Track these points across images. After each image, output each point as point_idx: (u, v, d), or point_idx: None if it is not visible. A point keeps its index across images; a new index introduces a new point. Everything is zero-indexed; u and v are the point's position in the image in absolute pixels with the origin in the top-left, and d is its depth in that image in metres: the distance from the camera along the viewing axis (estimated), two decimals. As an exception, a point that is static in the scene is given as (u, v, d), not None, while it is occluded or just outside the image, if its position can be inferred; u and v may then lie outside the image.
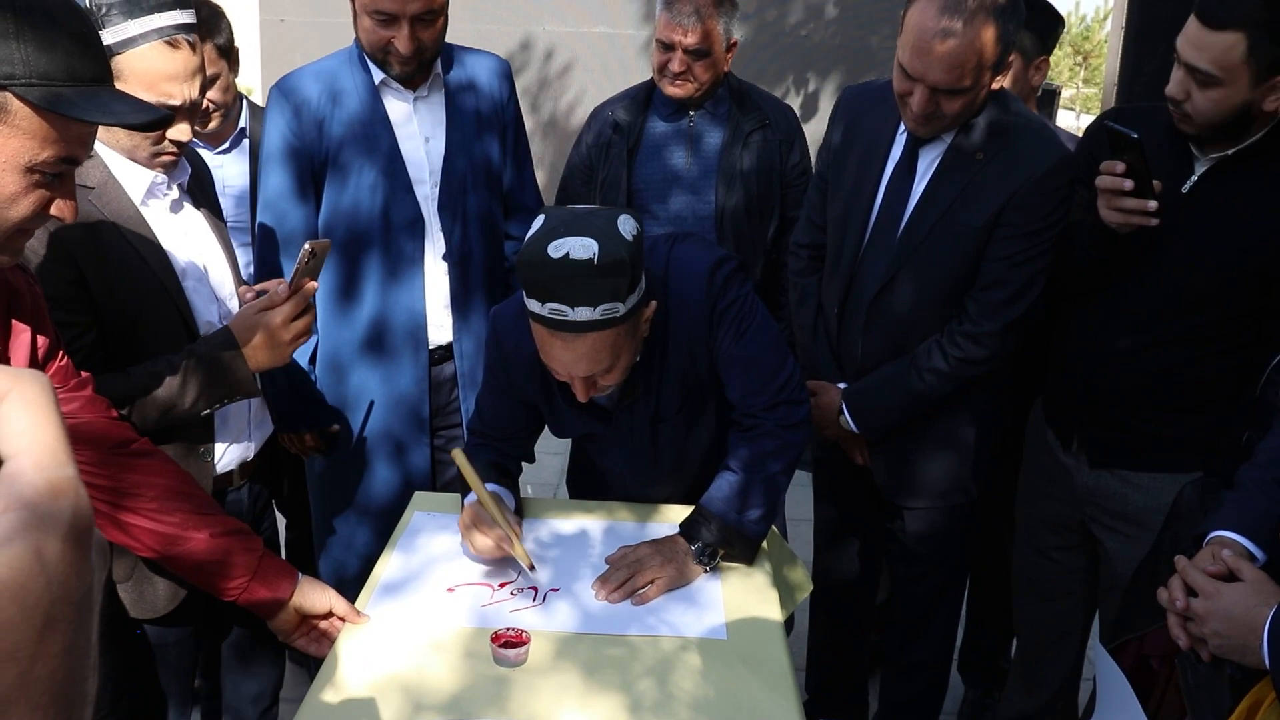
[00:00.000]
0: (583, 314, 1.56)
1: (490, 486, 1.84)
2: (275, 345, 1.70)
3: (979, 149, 2.05)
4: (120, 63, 1.58)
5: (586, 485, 2.17)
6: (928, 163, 2.11)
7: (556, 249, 1.54)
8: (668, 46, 2.57)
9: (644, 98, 2.73)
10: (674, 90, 2.62)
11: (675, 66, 2.57)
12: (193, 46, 1.66)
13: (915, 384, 2.15)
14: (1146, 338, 2.01)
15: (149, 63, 1.60)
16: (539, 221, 1.62)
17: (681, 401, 1.88)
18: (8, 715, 0.36)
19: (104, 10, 1.56)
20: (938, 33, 1.87)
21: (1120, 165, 1.84)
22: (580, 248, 1.54)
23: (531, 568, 1.73)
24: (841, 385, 2.27)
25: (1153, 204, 1.82)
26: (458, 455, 1.76)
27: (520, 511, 1.94)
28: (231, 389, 1.70)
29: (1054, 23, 2.77)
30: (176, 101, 1.64)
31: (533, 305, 1.59)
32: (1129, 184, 1.82)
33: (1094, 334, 2.09)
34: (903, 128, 2.12)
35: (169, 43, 1.61)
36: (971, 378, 2.15)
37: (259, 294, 1.82)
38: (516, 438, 2.00)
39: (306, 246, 1.71)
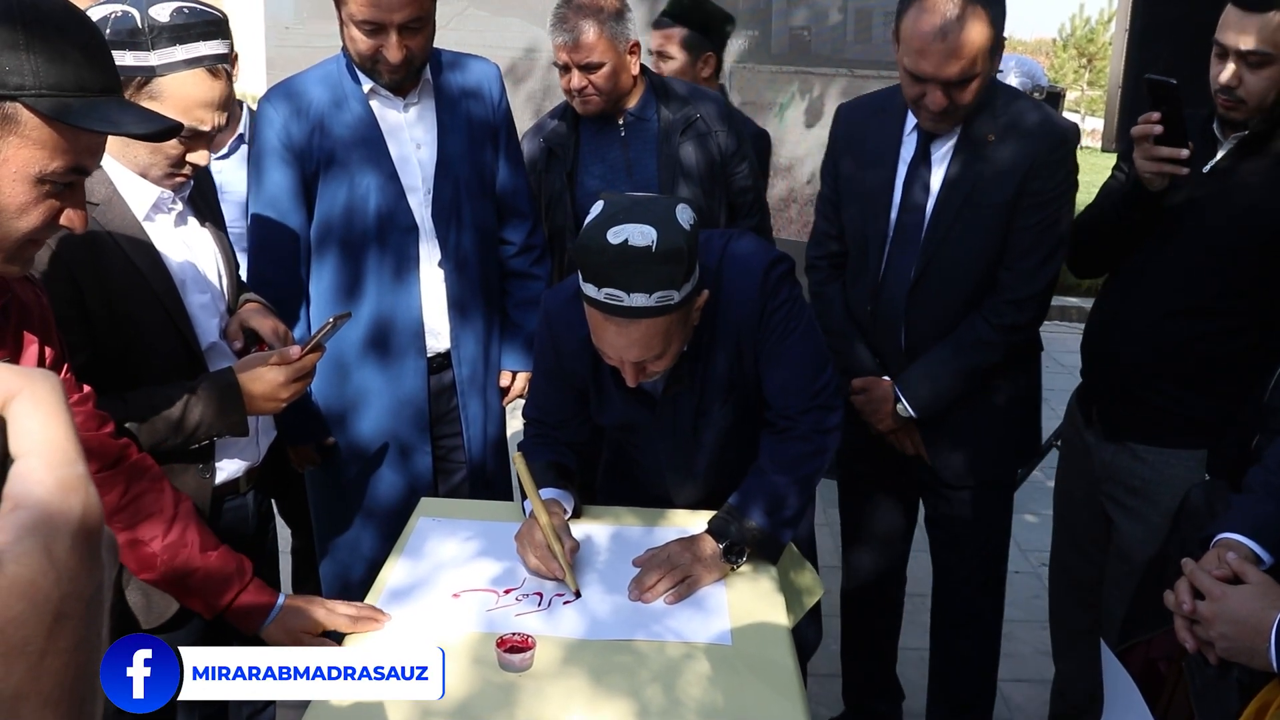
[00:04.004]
0: (638, 300, 1.58)
1: (549, 492, 1.86)
2: (271, 399, 1.74)
3: (989, 132, 2.16)
4: (161, 84, 1.60)
5: (619, 489, 2.17)
6: (941, 155, 2.20)
7: (616, 235, 1.57)
8: (564, 67, 2.58)
9: (572, 115, 2.70)
10: (582, 107, 2.61)
11: (575, 84, 2.57)
12: (228, 76, 1.69)
13: (966, 359, 2.24)
14: (1162, 307, 2.11)
15: (189, 89, 1.62)
16: (598, 207, 1.65)
17: (725, 396, 1.89)
18: (20, 709, 0.36)
19: (154, 33, 1.58)
20: (937, 31, 2.00)
21: (1156, 115, 1.96)
22: (639, 234, 1.56)
23: (577, 594, 1.73)
24: (886, 378, 2.32)
25: (1184, 152, 1.94)
26: (519, 461, 1.77)
27: (579, 512, 1.96)
28: (223, 429, 1.73)
29: (721, 22, 3.11)
30: (206, 127, 1.66)
31: (588, 289, 1.61)
32: (1159, 129, 1.95)
33: (1115, 304, 2.22)
34: (908, 130, 2.22)
35: (210, 71, 1.64)
36: (1017, 343, 2.25)
37: (246, 344, 1.85)
38: (572, 423, 2.00)
39: (329, 318, 1.80)
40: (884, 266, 2.26)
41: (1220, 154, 2.06)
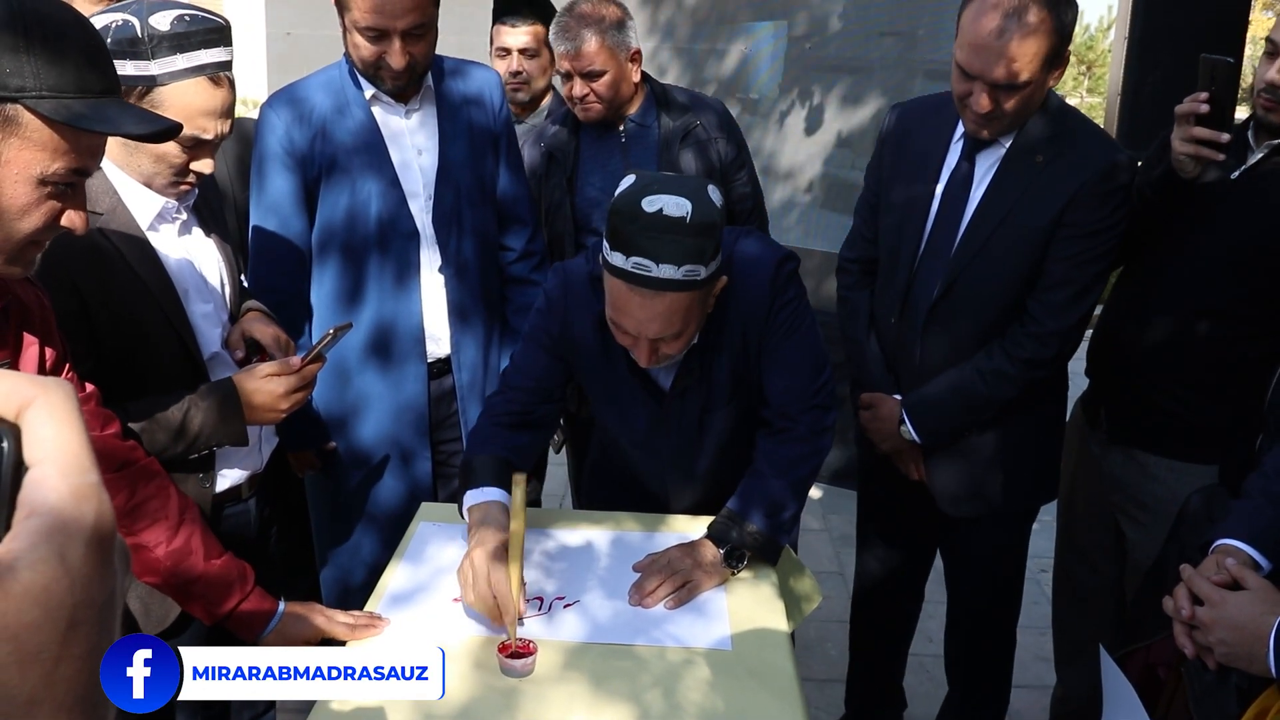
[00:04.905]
0: (666, 271, 1.58)
1: (494, 492, 1.78)
2: (271, 410, 1.74)
3: (1037, 152, 2.05)
4: (163, 94, 1.60)
5: (604, 493, 2.16)
6: (985, 168, 2.10)
7: (651, 203, 1.57)
8: (567, 74, 2.60)
9: (573, 121, 2.72)
10: (584, 114, 2.64)
11: (578, 91, 2.59)
12: (231, 84, 1.69)
13: (979, 388, 2.14)
14: (1180, 308, 2.08)
15: (191, 98, 1.62)
16: (629, 180, 1.65)
17: (730, 396, 1.89)
18: (34, 714, 0.37)
19: (154, 42, 1.57)
20: (993, 29, 1.89)
21: (1204, 94, 1.91)
22: (674, 205, 1.57)
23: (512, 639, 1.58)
24: (897, 396, 2.25)
25: (1224, 136, 1.89)
26: (518, 481, 1.57)
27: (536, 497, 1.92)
28: (223, 439, 1.73)
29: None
30: (209, 136, 1.66)
31: (615, 259, 1.60)
32: (1204, 108, 1.90)
33: (1131, 303, 2.17)
34: (957, 136, 2.13)
35: (212, 79, 1.64)
36: (1036, 380, 2.14)
37: (248, 354, 1.85)
38: (550, 400, 1.96)
39: (330, 329, 1.79)
40: (913, 278, 2.17)
41: (1252, 160, 2.01)
